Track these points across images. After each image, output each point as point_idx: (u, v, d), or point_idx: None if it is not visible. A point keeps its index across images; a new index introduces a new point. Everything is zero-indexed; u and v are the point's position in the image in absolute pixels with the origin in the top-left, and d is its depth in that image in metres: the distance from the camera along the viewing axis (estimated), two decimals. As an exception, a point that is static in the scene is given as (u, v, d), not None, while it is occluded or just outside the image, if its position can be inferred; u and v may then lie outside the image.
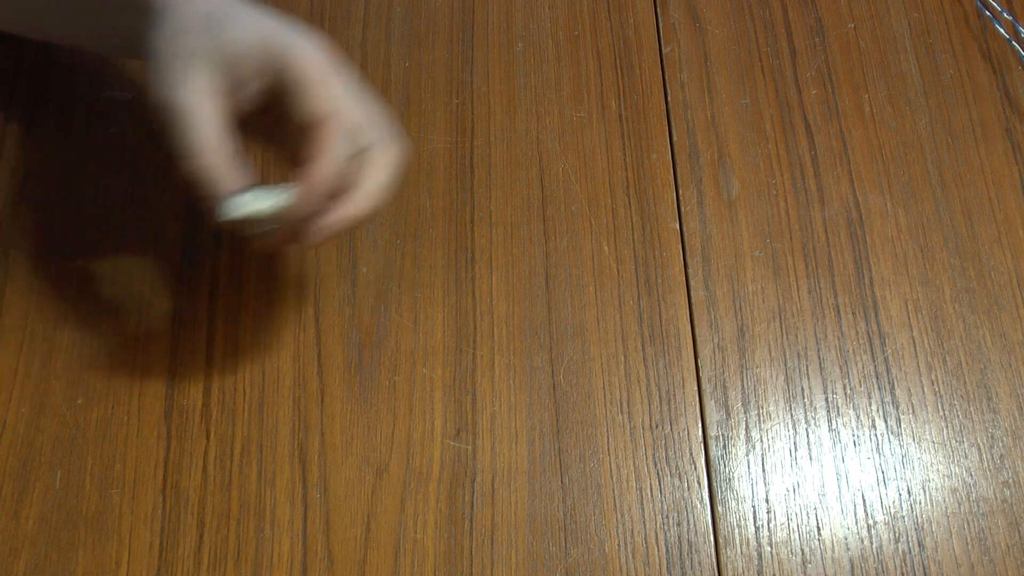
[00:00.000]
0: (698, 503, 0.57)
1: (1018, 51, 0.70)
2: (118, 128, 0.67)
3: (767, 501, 0.57)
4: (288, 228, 0.52)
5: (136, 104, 0.67)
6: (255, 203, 0.51)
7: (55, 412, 0.59)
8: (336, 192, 0.51)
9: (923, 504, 0.57)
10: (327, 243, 0.61)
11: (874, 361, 0.61)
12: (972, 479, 0.58)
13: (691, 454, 0.58)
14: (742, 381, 0.60)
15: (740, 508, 0.57)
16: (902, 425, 0.59)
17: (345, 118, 0.51)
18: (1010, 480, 0.58)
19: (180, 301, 0.62)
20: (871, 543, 0.56)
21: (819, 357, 0.61)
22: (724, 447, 0.59)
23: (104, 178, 0.66)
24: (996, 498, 0.57)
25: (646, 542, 0.56)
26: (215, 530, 0.56)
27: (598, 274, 0.63)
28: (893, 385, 0.60)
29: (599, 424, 0.59)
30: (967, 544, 0.56)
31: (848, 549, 0.56)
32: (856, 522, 0.57)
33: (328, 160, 0.50)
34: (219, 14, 0.52)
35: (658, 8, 0.72)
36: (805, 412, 0.59)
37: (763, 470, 0.58)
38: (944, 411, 0.59)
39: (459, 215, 0.64)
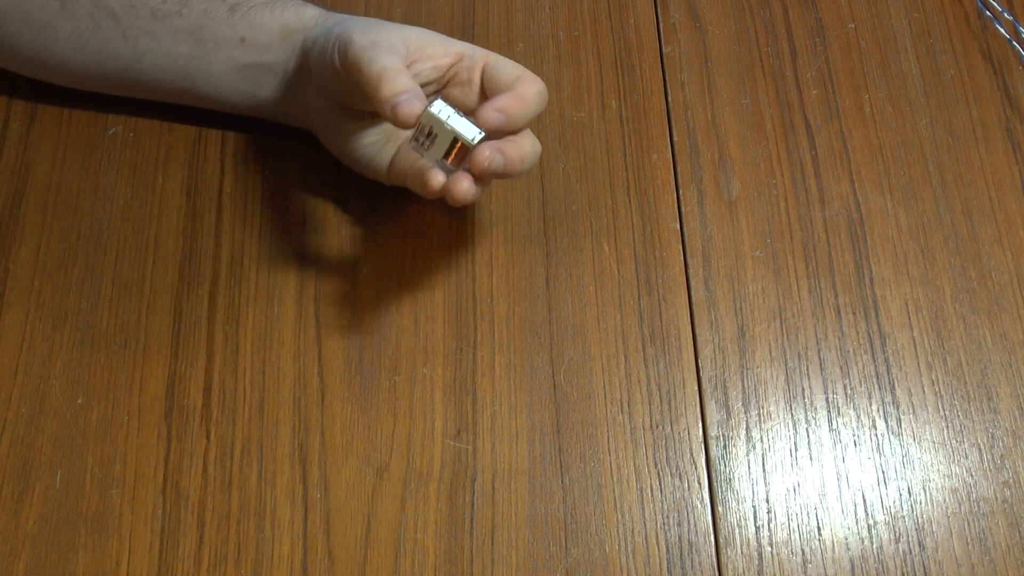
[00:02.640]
0: (698, 503, 0.57)
1: (1018, 51, 0.70)
2: (120, 127, 0.67)
3: (767, 501, 0.57)
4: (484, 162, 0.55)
5: (137, 105, 0.67)
6: (455, 115, 0.54)
7: (55, 412, 0.59)
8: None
9: (923, 504, 0.57)
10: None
11: (874, 361, 0.61)
12: (972, 479, 0.58)
13: (691, 454, 0.58)
14: (742, 381, 0.60)
15: (740, 508, 0.57)
16: (902, 425, 0.59)
17: (535, 81, 0.57)
18: (1010, 480, 0.58)
19: (180, 300, 0.62)
20: (871, 543, 0.56)
21: (819, 357, 0.61)
22: (724, 447, 0.59)
23: (105, 177, 0.66)
24: (996, 498, 0.57)
25: (646, 542, 0.56)
26: (215, 530, 0.56)
27: (598, 274, 0.63)
28: (893, 385, 0.60)
29: (599, 424, 0.59)
30: (967, 544, 0.56)
31: (848, 549, 0.56)
32: (856, 522, 0.57)
33: (529, 92, 0.56)
34: (390, 23, 0.60)
35: (658, 8, 0.72)
36: (805, 412, 0.59)
37: (763, 470, 0.58)
38: (944, 411, 0.59)
39: (459, 215, 0.64)
